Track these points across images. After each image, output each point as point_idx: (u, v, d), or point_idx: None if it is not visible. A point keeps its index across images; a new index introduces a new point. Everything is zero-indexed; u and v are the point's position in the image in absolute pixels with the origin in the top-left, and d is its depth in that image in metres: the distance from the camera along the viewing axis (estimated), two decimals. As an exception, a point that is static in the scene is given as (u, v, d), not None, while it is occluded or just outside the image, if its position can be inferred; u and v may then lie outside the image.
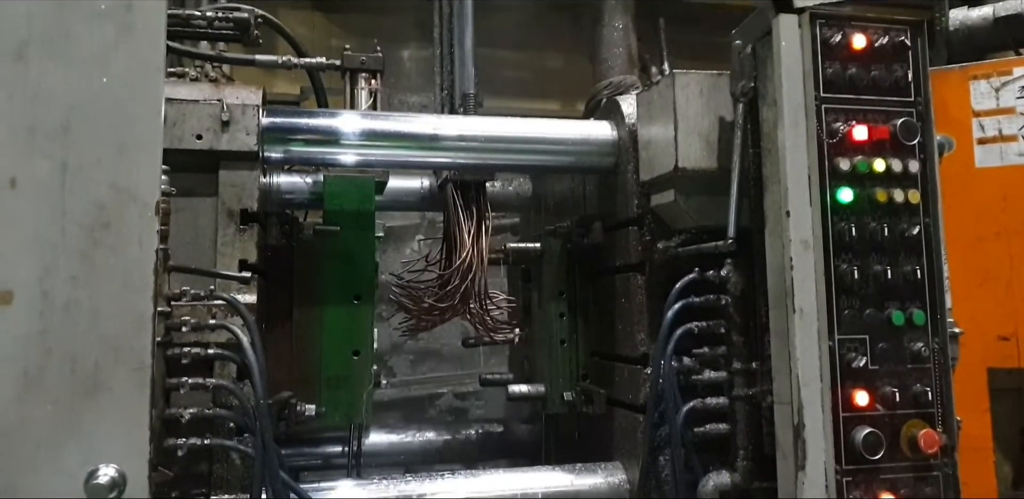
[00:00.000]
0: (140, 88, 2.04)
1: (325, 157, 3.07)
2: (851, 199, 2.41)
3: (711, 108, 2.79)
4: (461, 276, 3.46)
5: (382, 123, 3.02)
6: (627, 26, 4.04)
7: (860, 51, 2.50)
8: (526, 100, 8.38)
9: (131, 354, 1.99)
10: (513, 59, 8.69)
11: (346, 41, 8.42)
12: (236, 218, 2.80)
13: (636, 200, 3.10)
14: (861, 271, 2.38)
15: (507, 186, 4.35)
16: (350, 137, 3.00)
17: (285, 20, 8.32)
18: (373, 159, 3.09)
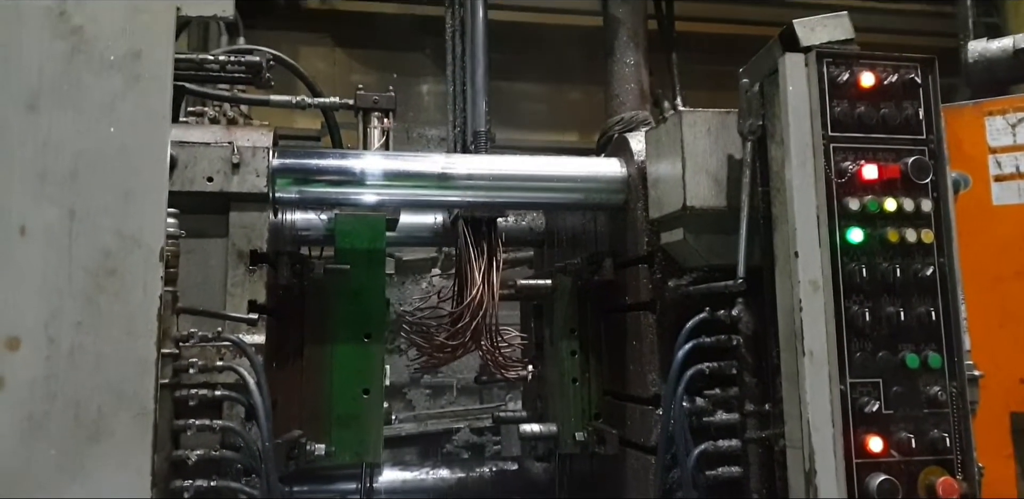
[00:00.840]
0: (146, 136, 2.07)
1: (336, 197, 3.08)
2: (861, 239, 2.37)
3: (719, 146, 2.78)
4: (472, 313, 3.45)
5: (391, 163, 3.04)
6: (639, 62, 4.05)
7: (869, 89, 2.48)
8: (545, 132, 8.44)
9: (134, 399, 2.00)
10: (531, 92, 8.76)
11: (366, 76, 8.60)
12: (246, 259, 2.81)
13: (646, 238, 3.08)
14: (873, 313, 2.33)
15: (520, 221, 4.35)
16: (359, 177, 3.01)
17: (306, 57, 8.52)
18: (383, 198, 3.11)
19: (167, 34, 2.05)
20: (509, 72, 8.64)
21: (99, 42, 2.08)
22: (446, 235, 3.95)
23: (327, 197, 3.08)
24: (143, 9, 2.05)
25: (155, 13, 2.05)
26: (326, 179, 3.01)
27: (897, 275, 2.36)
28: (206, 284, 2.83)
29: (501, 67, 8.64)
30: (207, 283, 2.84)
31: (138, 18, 2.08)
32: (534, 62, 8.32)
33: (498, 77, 8.68)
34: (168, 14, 2.06)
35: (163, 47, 2.04)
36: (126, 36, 2.07)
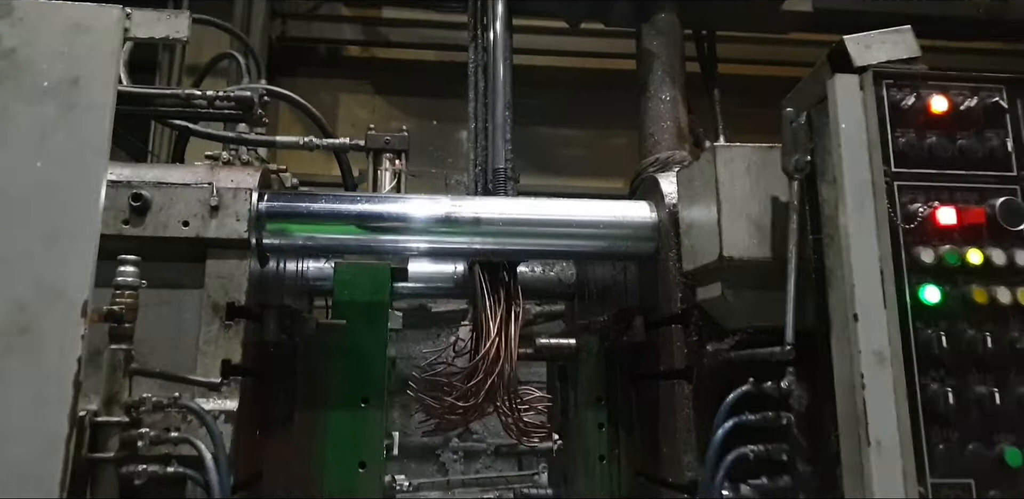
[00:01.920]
0: (78, 172, 1.79)
1: (330, 244, 2.76)
2: (938, 299, 1.93)
3: (761, 187, 2.37)
4: (486, 370, 3.05)
5: (389, 206, 2.71)
6: (675, 98, 3.69)
7: (941, 116, 2.07)
8: (587, 179, 8.10)
9: (36, 484, 1.65)
10: (573, 137, 8.48)
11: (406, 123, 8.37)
12: (221, 313, 2.49)
13: (679, 293, 2.66)
14: (958, 393, 1.87)
15: (548, 271, 3.97)
16: (355, 222, 2.69)
17: (347, 104, 8.40)
18: (381, 245, 2.77)
19: (111, 58, 1.78)
20: (550, 117, 8.40)
21: (32, 66, 1.81)
22: (467, 285, 3.60)
23: (319, 244, 2.75)
24: (85, 30, 1.78)
25: (99, 34, 1.78)
26: (318, 224, 2.69)
27: (988, 345, 1.90)
28: (179, 340, 2.51)
29: (541, 112, 8.46)
30: (180, 339, 2.52)
31: (79, 40, 1.81)
32: (575, 107, 8.06)
33: (538, 122, 8.47)
34: (113, 36, 1.79)
35: (105, 73, 1.77)
36: (64, 60, 1.81)
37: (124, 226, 2.42)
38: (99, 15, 1.76)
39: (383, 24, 8.13)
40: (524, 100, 8.93)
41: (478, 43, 3.86)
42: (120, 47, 1.78)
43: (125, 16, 1.77)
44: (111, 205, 2.41)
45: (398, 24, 8.03)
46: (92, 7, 1.78)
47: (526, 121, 8.74)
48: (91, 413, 2.08)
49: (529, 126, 8.51)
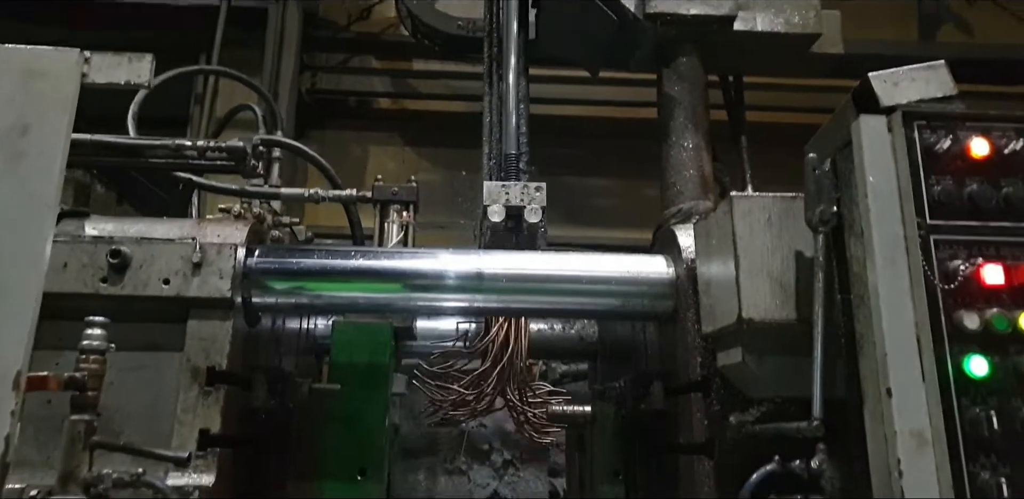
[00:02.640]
0: (21, 229, 1.64)
1: (322, 302, 2.60)
2: (987, 372, 1.67)
3: (784, 241, 2.16)
4: (494, 357, 2.84)
5: (385, 262, 2.55)
6: (699, 145, 3.50)
7: (982, 160, 1.85)
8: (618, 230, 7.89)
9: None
10: (603, 187, 8.33)
11: (434, 175, 8.36)
12: (201, 378, 2.32)
13: (699, 357, 2.43)
14: (1014, 484, 1.60)
15: (568, 328, 3.75)
16: (349, 279, 2.53)
17: (376, 156, 8.38)
18: (376, 303, 2.60)
19: (66, 105, 1.66)
20: (580, 167, 8.27)
21: (-22, 112, 1.69)
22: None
23: (312, 302, 2.59)
24: (40, 74, 1.66)
25: (54, 80, 1.67)
26: (309, 281, 2.53)
27: (1047, 426, 1.64)
28: (157, 408, 2.36)
29: (571, 162, 8.34)
30: (158, 407, 2.36)
31: (32, 85, 1.70)
32: (606, 157, 7.92)
33: (568, 172, 8.33)
34: (70, 81, 1.67)
35: (57, 120, 1.64)
36: (13, 106, 1.68)
37: (102, 284, 2.29)
38: (54, 59, 1.65)
39: (413, 76, 8.14)
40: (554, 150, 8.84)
41: (493, 93, 3.75)
42: (76, 93, 1.65)
43: (84, 60, 1.65)
44: (89, 262, 2.30)
45: (428, 76, 8.03)
46: (47, 51, 1.67)
47: (556, 171, 8.64)
48: (44, 491, 1.91)
49: (559, 176, 8.39)
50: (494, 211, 2.85)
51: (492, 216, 2.85)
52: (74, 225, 2.39)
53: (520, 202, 2.90)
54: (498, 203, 2.87)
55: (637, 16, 3.57)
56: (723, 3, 3.55)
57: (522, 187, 2.94)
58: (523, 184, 2.96)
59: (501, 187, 2.93)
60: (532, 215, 2.88)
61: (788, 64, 4.02)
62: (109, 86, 1.75)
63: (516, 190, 2.93)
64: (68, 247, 2.27)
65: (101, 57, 1.71)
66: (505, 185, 2.96)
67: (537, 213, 2.90)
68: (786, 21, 3.69)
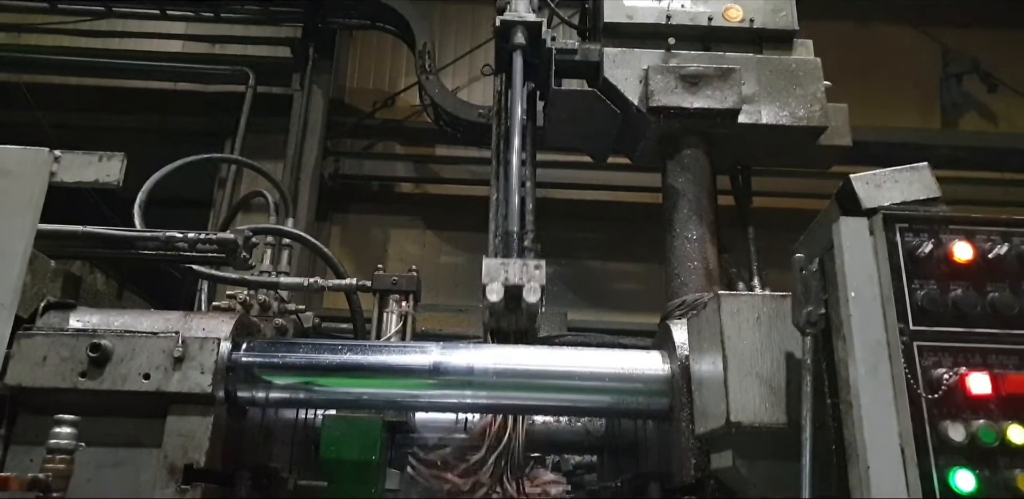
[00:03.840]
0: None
1: (310, 397, 2.57)
2: (973, 487, 1.58)
3: (774, 341, 2.10)
4: (490, 443, 2.72)
5: (372, 357, 2.52)
6: (703, 237, 3.47)
7: (966, 264, 1.80)
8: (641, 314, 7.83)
9: None
10: (626, 271, 8.30)
11: (455, 258, 8.40)
12: (178, 475, 2.27)
13: (694, 459, 2.34)
14: None
15: (575, 422, 3.66)
16: (335, 374, 2.50)
17: (397, 240, 8.45)
18: (367, 398, 2.56)
19: (29, 204, 1.69)
20: (602, 251, 8.28)
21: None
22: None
23: (298, 397, 2.56)
24: (5, 173, 1.71)
25: (20, 178, 1.71)
26: (294, 376, 2.50)
27: (1040, 548, 1.53)
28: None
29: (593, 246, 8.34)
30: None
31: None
32: (629, 241, 7.93)
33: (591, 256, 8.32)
34: (36, 180, 1.71)
35: (20, 220, 1.67)
36: (-25, 204, 1.72)
37: (80, 379, 2.28)
38: (22, 159, 1.69)
39: (435, 161, 8.32)
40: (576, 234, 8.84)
41: (499, 180, 3.80)
42: (42, 192, 1.69)
43: (53, 159, 1.69)
44: (69, 356, 2.29)
45: (450, 161, 8.21)
46: (15, 150, 1.72)
47: (579, 255, 8.66)
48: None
49: (582, 260, 8.41)
50: (492, 290, 2.77)
51: (490, 295, 2.77)
52: (59, 318, 2.40)
53: (519, 280, 2.79)
54: (496, 281, 2.79)
55: (640, 109, 3.62)
56: (727, 97, 3.58)
57: (521, 265, 2.86)
58: (523, 262, 2.88)
59: (500, 265, 2.86)
60: (531, 294, 2.77)
61: (795, 155, 4.02)
62: (78, 185, 1.79)
63: (515, 268, 2.82)
64: (49, 340, 2.27)
65: (71, 156, 1.75)
66: (504, 263, 2.88)
67: (536, 292, 2.78)
68: (791, 114, 3.70)
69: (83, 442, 2.05)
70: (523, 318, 2.91)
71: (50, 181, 1.74)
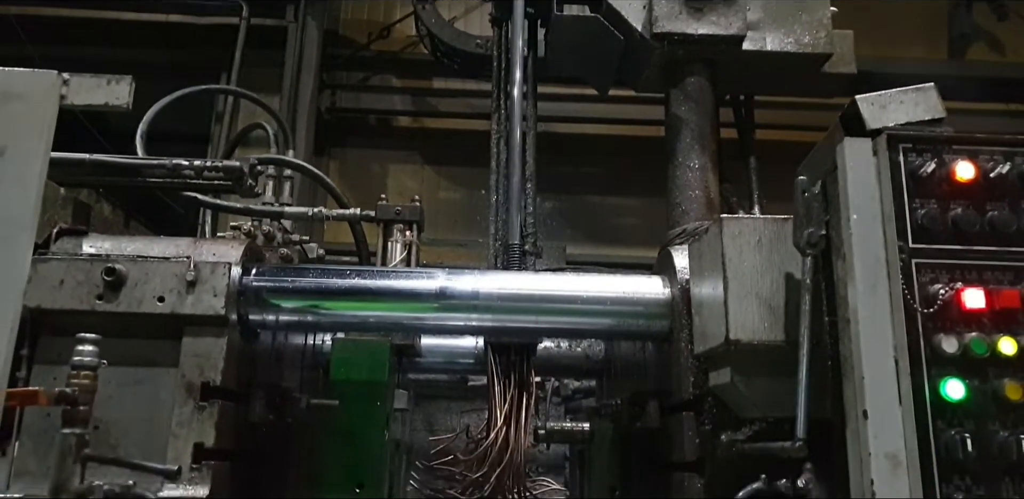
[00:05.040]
0: (2, 249, 1.68)
1: (318, 320, 2.62)
2: (963, 395, 1.66)
3: (774, 263, 2.15)
4: (492, 461, 2.83)
5: (379, 281, 2.57)
6: (704, 166, 3.49)
7: (967, 184, 1.84)
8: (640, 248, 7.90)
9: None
10: (625, 205, 8.32)
11: (454, 193, 8.41)
12: (196, 393, 2.35)
13: (692, 377, 2.43)
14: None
15: (575, 346, 3.75)
16: (343, 297, 2.55)
17: (395, 175, 8.43)
18: (368, 321, 2.63)
19: (43, 127, 1.70)
20: (602, 186, 8.28)
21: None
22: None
23: (308, 320, 2.62)
24: (16, 96, 1.70)
25: (31, 101, 1.71)
26: (304, 300, 2.56)
27: (1023, 451, 1.61)
28: (153, 422, 2.39)
29: (593, 181, 8.33)
30: (154, 421, 2.39)
31: (8, 108, 1.73)
32: (629, 175, 7.92)
33: (590, 191, 8.32)
34: (47, 103, 1.71)
35: (35, 143, 1.68)
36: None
37: (97, 301, 2.33)
38: (31, 81, 1.69)
39: (433, 94, 8.23)
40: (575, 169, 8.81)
41: (500, 112, 3.76)
42: (53, 115, 1.70)
43: (62, 82, 1.69)
44: (85, 280, 2.34)
45: (447, 94, 8.12)
46: (24, 73, 1.71)
47: (577, 190, 8.65)
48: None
49: (580, 195, 8.42)
50: None
51: None
52: (71, 243, 2.44)
53: None
54: None
55: (644, 36, 3.58)
56: (732, 23, 3.54)
57: None
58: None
59: None
60: None
61: (799, 84, 4.00)
62: (88, 108, 1.80)
63: None
64: (64, 265, 2.32)
65: (80, 79, 1.75)
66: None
67: None
68: (796, 41, 3.67)
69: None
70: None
71: (60, 104, 1.75)
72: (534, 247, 3.30)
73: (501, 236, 3.34)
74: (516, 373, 2.95)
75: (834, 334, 1.94)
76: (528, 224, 3.30)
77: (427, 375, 4.53)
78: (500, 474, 2.82)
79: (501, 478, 2.84)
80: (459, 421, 6.21)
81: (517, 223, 3.21)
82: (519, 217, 3.24)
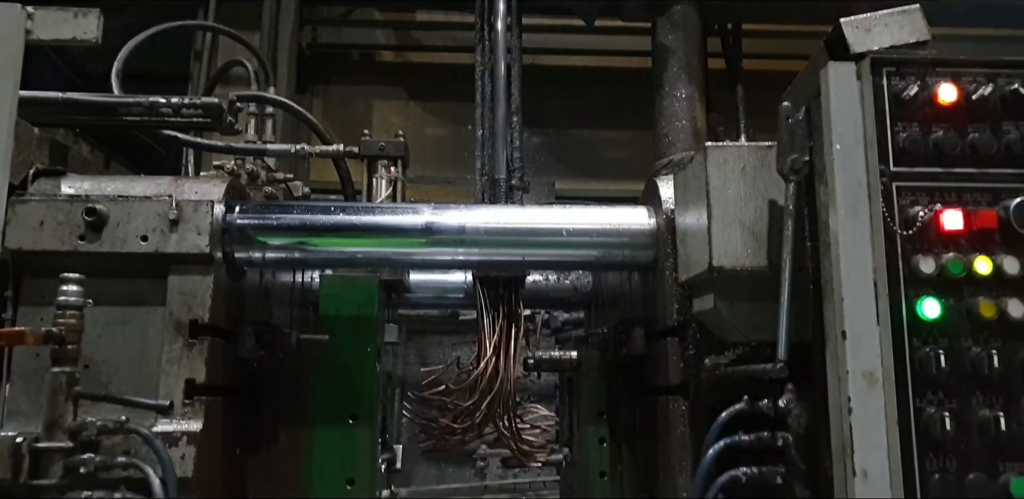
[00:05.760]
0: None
1: (304, 256, 2.63)
2: (938, 314, 1.69)
3: (758, 190, 2.15)
4: (481, 391, 2.90)
5: (364, 217, 2.56)
6: (691, 96, 3.46)
7: (950, 107, 1.82)
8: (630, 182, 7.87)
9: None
10: (615, 139, 8.24)
11: (440, 129, 8.30)
12: (184, 331, 2.37)
13: (676, 304, 2.46)
14: (958, 418, 1.63)
15: (563, 279, 3.78)
16: (329, 234, 2.55)
17: (380, 110, 8.30)
18: (361, 257, 2.63)
19: (10, 63, 1.66)
20: (590, 119, 8.18)
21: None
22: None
23: (294, 257, 2.62)
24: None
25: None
26: (289, 237, 2.56)
27: (995, 365, 1.66)
28: (143, 360, 2.41)
29: (581, 114, 8.23)
30: (144, 359, 2.41)
31: (-30, 44, 1.70)
32: (617, 108, 7.82)
33: (578, 125, 8.22)
34: (13, 38, 1.67)
35: (3, 80, 1.65)
36: (-49, 67, 1.69)
37: (80, 242, 2.32)
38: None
39: (416, 28, 8.03)
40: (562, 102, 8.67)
41: (484, 45, 3.69)
42: (20, 51, 1.66)
43: (27, 16, 1.64)
44: (66, 220, 2.33)
45: (432, 27, 7.93)
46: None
47: (565, 123, 8.54)
48: (30, 438, 1.99)
49: (568, 129, 8.32)
50: None
51: None
52: (50, 184, 2.41)
53: None
54: None
55: (629, -39, 3.50)
56: (718, -53, 3.46)
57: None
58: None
59: None
60: None
61: (788, 12, 3.94)
62: (56, 43, 1.75)
63: None
64: (44, 205, 2.30)
65: (45, 13, 1.70)
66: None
67: None
68: (784, -35, 3.60)
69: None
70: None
71: (26, 40, 1.70)
72: (521, 182, 3.29)
73: (488, 171, 3.33)
74: (504, 305, 2.99)
75: (815, 258, 1.96)
76: (515, 159, 3.29)
77: (418, 311, 4.56)
78: (491, 402, 2.90)
79: (492, 406, 2.91)
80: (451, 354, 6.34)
81: (503, 157, 3.20)
82: (505, 152, 3.22)
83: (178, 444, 2.23)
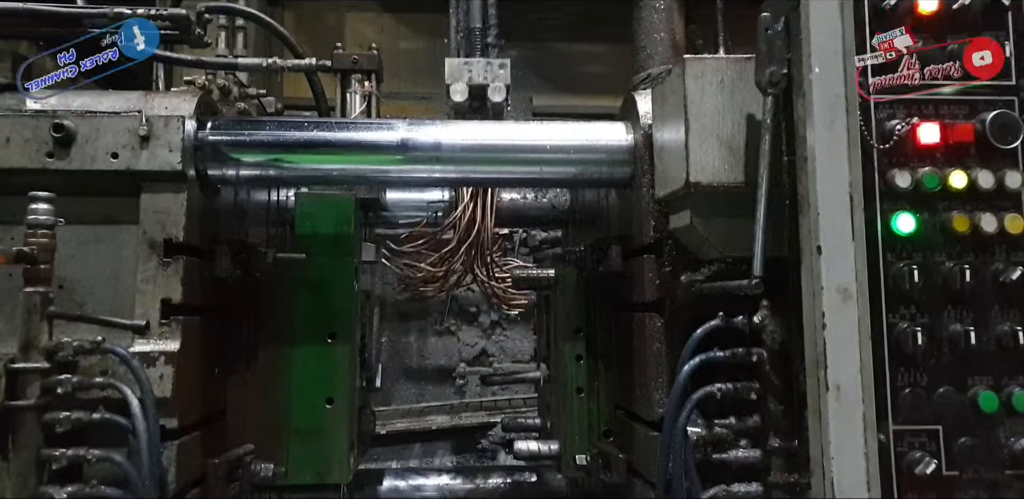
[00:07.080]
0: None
1: (280, 174, 2.59)
2: (913, 228, 1.71)
3: (736, 104, 2.12)
4: (460, 235, 2.96)
5: (339, 134, 2.52)
6: (670, 6, 3.36)
7: (930, 17, 1.79)
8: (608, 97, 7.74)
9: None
10: (593, 53, 8.06)
11: (416, 43, 8.05)
12: (159, 250, 2.35)
13: (653, 221, 2.46)
14: (929, 332, 1.67)
15: (541, 197, 3.77)
16: (302, 150, 2.51)
17: (353, 23, 8.03)
18: (336, 174, 2.60)
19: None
20: (567, 32, 7.96)
21: None
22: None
23: (268, 174, 2.58)
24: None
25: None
26: (262, 153, 2.51)
27: (966, 279, 1.69)
28: (117, 279, 2.40)
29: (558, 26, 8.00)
30: (119, 278, 2.40)
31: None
32: (595, 20, 7.62)
33: (555, 38, 8.00)
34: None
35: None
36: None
37: (48, 159, 2.27)
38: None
39: (390, -69, 7.69)
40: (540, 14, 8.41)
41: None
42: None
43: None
44: (32, 137, 2.27)
45: (406, -70, 7.59)
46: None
47: (542, 37, 8.31)
48: (6, 359, 1.99)
49: (545, 42, 8.10)
50: (456, 90, 2.82)
51: (454, 96, 2.83)
52: (14, 99, 2.33)
53: (483, 80, 2.86)
54: (460, 81, 2.84)
55: None
56: None
57: (485, 64, 2.87)
58: (487, 61, 2.89)
59: (464, 65, 2.88)
60: (496, 94, 2.86)
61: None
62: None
63: (479, 67, 2.88)
64: (9, 121, 2.24)
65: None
66: (468, 62, 2.90)
67: (501, 91, 2.87)
68: None
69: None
70: (489, 117, 2.94)
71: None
72: (496, 40, 3.25)
73: (463, 27, 3.28)
74: None
75: (792, 173, 1.95)
76: (491, 15, 3.23)
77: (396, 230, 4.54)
78: (468, 248, 2.95)
79: (469, 252, 2.97)
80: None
81: (478, 6, 3.14)
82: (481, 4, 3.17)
83: (156, 364, 2.24)
